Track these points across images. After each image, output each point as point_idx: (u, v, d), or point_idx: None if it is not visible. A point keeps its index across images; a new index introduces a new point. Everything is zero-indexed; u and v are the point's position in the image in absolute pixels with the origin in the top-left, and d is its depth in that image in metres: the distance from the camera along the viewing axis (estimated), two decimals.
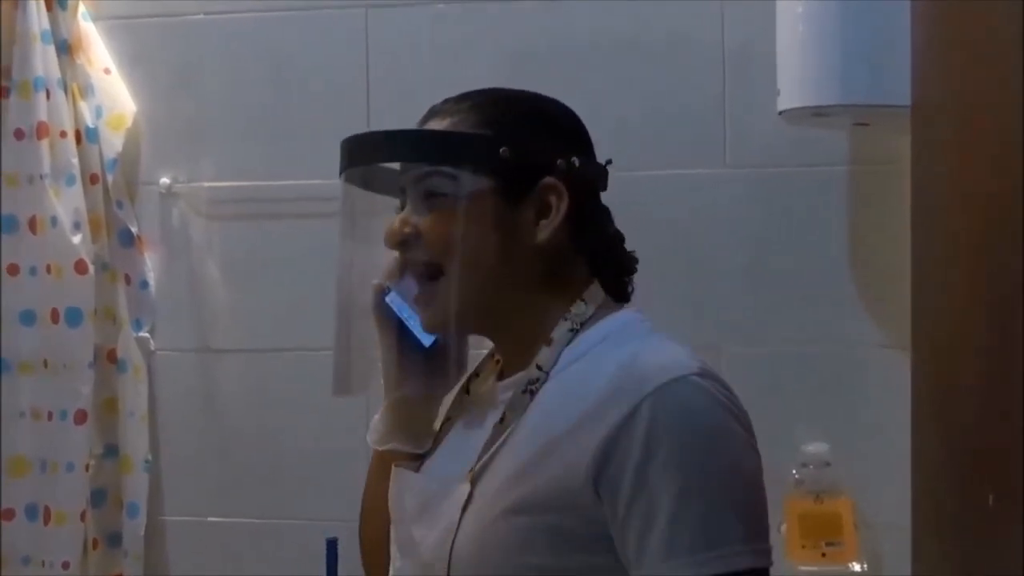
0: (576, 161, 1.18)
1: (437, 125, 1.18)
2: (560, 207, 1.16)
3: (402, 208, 1.20)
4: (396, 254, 1.20)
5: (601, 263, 1.21)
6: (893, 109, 1.68)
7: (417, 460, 1.23)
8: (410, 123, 1.25)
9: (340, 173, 1.23)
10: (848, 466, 1.99)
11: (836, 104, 1.77)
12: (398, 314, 1.20)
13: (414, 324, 1.20)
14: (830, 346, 2.06)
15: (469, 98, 1.20)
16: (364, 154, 1.22)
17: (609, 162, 1.24)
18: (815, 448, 1.98)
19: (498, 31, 2.15)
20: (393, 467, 1.22)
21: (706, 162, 2.08)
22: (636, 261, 1.25)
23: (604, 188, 1.23)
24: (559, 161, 1.17)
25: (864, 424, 2.02)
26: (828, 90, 1.76)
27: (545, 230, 1.16)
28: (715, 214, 2.09)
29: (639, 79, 2.10)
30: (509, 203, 1.15)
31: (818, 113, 1.81)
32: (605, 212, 1.24)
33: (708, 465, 1.04)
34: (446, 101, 1.21)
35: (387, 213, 1.24)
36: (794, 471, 1.98)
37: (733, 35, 2.07)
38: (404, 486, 1.21)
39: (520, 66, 2.10)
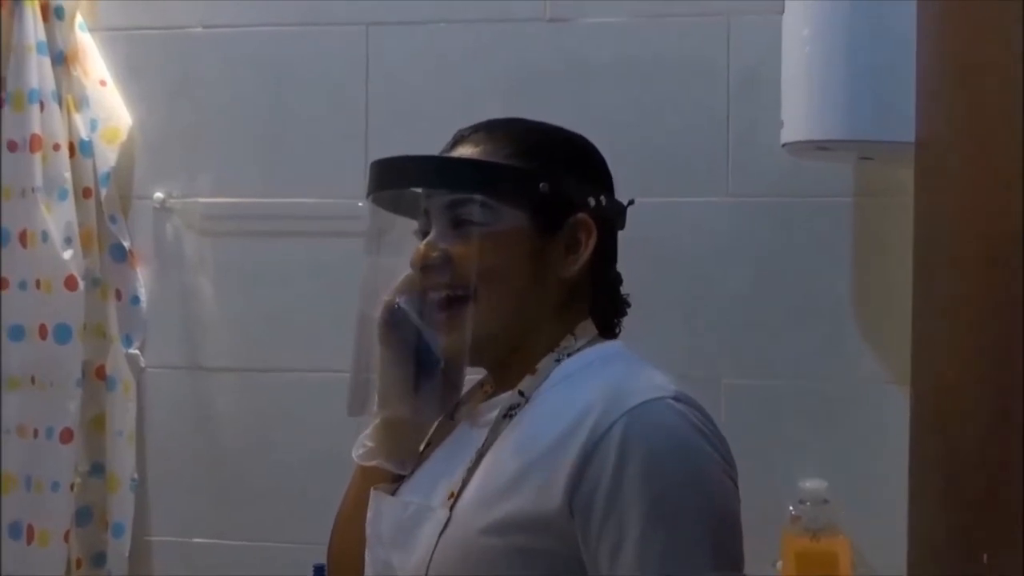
0: (603, 199, 1.22)
1: (467, 152, 1.20)
2: (589, 243, 1.20)
3: (423, 230, 1.22)
4: (408, 272, 1.22)
5: (602, 300, 1.24)
6: (898, 144, 1.68)
7: (395, 482, 1.25)
8: (409, 144, 1.25)
9: (368, 194, 1.25)
10: (846, 504, 1.98)
11: (840, 139, 1.77)
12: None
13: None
14: (830, 380, 2.05)
15: (499, 127, 1.22)
16: (401, 178, 1.24)
17: (631, 202, 1.28)
18: (813, 485, 1.97)
19: (499, 51, 2.14)
20: (372, 491, 1.23)
21: (707, 190, 2.08)
22: (628, 305, 1.28)
23: (622, 227, 1.27)
24: (590, 198, 1.20)
25: (864, 461, 2.02)
26: (832, 125, 1.76)
27: (574, 265, 1.20)
28: (716, 244, 2.08)
29: (640, 103, 2.10)
30: (542, 236, 1.19)
31: (822, 147, 1.81)
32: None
33: (678, 486, 1.06)
34: (476, 129, 1.23)
35: (411, 235, 1.25)
36: (791, 508, 1.97)
37: (738, 59, 2.06)
38: (381, 510, 1.21)
39: (521, 87, 2.10)
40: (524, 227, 1.18)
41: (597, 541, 1.05)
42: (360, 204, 2.12)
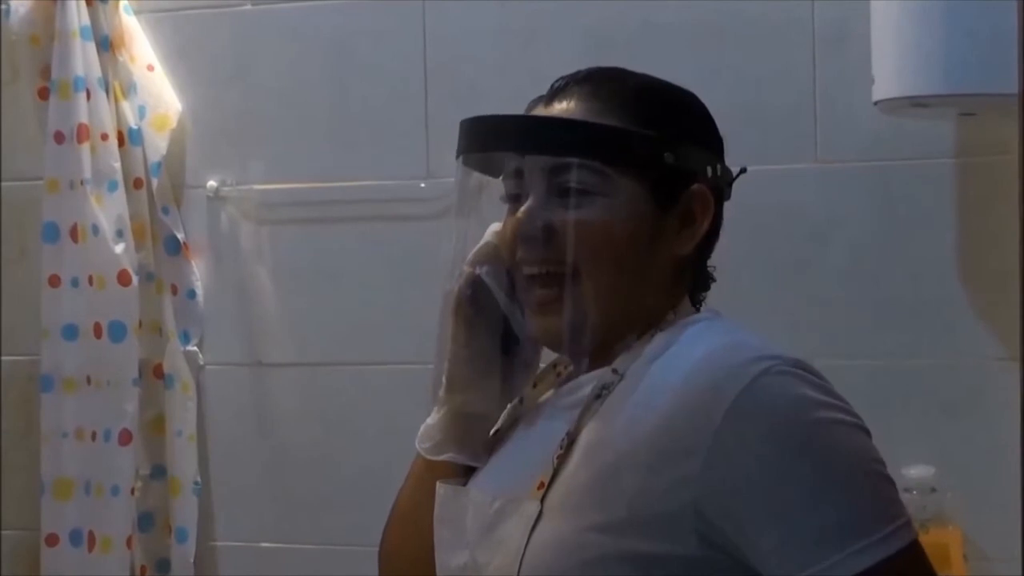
0: (718, 167, 1.17)
1: (570, 109, 1.14)
2: (705, 218, 1.15)
3: (513, 194, 1.16)
4: (488, 240, 1.17)
5: (700, 277, 1.21)
6: (1002, 97, 1.63)
7: (463, 475, 1.20)
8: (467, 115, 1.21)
9: (459, 154, 1.17)
10: (956, 492, 1.94)
11: (938, 94, 1.72)
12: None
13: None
14: (937, 358, 2.01)
15: (605, 81, 1.16)
16: (508, 140, 1.16)
17: (743, 170, 1.22)
18: (919, 472, 1.93)
19: (566, 19, 2.11)
20: (440, 485, 1.18)
21: (795, 156, 2.04)
22: (713, 279, 1.23)
23: (728, 197, 1.22)
24: (707, 167, 1.16)
25: (975, 445, 1.97)
26: (928, 79, 1.71)
27: (690, 241, 1.15)
28: (806, 213, 2.05)
29: (720, 65, 2.06)
30: (658, 209, 1.13)
31: (918, 104, 1.76)
32: None
33: (826, 457, 1.00)
34: (577, 80, 1.16)
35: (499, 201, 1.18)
36: None
37: (825, 14, 2.02)
38: (460, 505, 1.16)
39: (590, 56, 2.05)
40: (641, 199, 1.12)
41: (755, 536, 1.00)
42: (422, 185, 2.14)
